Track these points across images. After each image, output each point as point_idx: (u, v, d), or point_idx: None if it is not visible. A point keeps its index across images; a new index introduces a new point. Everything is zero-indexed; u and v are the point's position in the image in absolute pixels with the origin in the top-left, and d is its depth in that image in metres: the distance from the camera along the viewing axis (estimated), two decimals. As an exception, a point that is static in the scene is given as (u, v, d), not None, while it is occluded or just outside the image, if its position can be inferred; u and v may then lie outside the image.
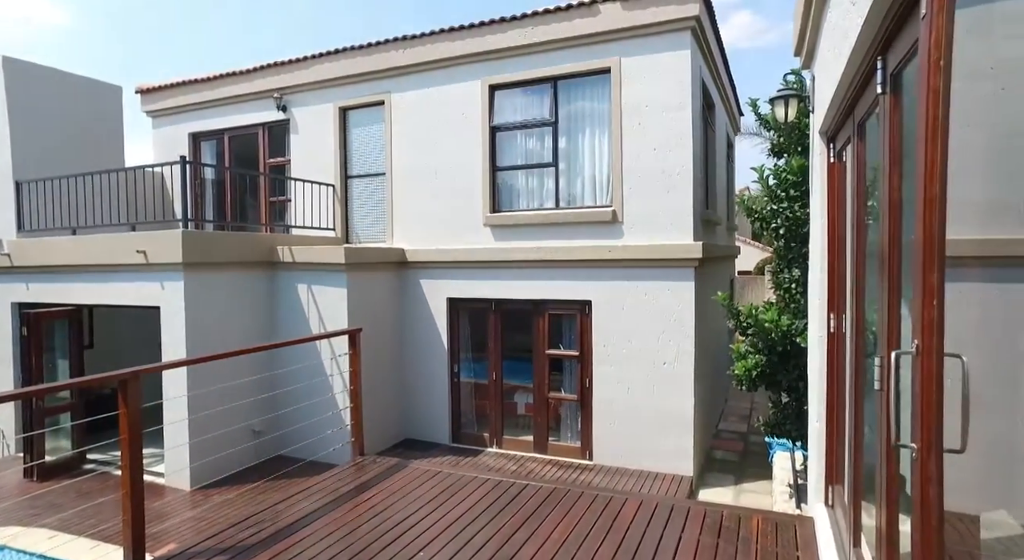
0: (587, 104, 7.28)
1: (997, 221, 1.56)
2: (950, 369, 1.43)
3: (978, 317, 1.65)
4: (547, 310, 7.43)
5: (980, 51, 1.58)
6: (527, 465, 7.18)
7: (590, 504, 4.18)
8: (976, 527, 1.63)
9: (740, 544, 3.64)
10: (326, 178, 8.76)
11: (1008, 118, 1.50)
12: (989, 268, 1.62)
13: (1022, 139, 1.49)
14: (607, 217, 6.94)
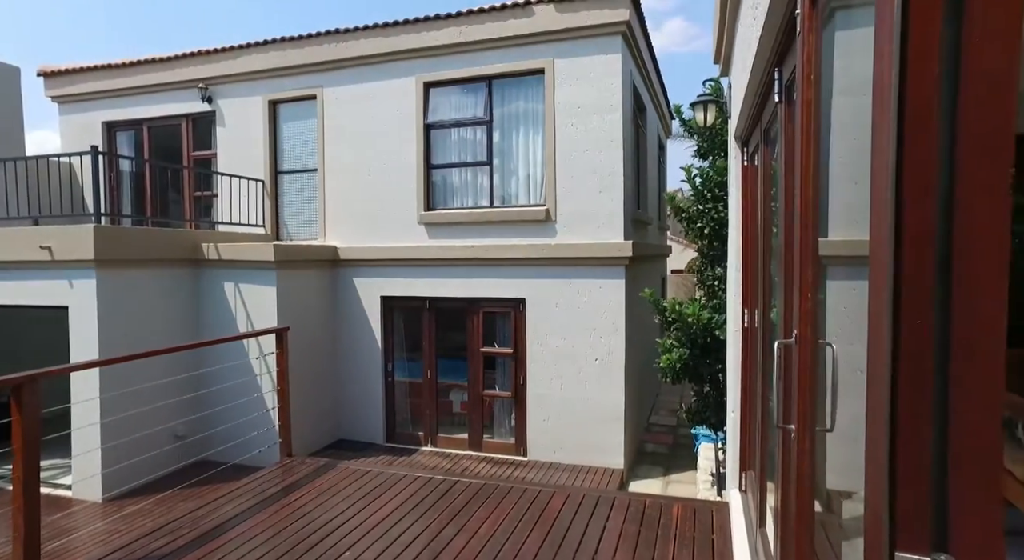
0: (522, 104, 7.36)
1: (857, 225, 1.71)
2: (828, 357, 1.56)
3: (844, 310, 1.80)
4: (481, 308, 7.47)
5: (861, 68, 1.73)
6: (462, 463, 7.20)
7: (518, 498, 4.25)
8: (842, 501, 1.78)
9: (660, 530, 3.80)
10: (255, 173, 8.46)
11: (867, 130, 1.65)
12: (853, 267, 1.78)
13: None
14: (541, 216, 7.05)
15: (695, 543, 3.64)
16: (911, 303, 0.82)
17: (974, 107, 0.77)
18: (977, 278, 0.78)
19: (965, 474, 0.79)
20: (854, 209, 1.72)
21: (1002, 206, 0.77)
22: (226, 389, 6.37)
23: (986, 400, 0.78)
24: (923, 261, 0.81)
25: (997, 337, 0.78)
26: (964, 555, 0.79)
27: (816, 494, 1.65)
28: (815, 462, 1.57)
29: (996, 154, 0.77)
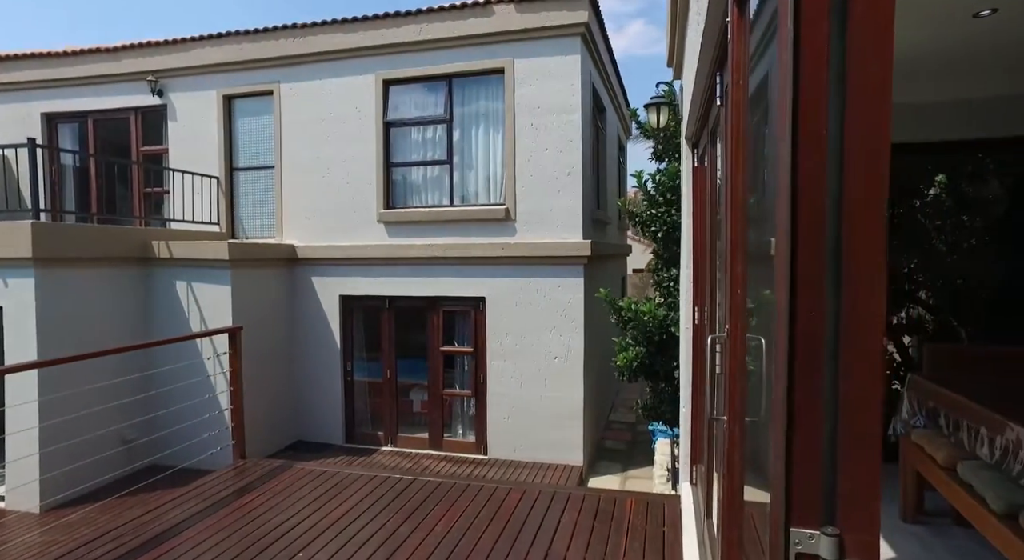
0: (482, 103, 7.38)
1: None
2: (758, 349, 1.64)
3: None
4: (441, 307, 7.46)
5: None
6: (422, 462, 7.18)
7: (475, 495, 4.28)
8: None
9: (614, 524, 3.88)
10: (209, 169, 8.24)
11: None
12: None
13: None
14: (500, 215, 7.08)
15: (646, 535, 3.73)
16: (806, 299, 0.88)
17: (858, 116, 0.84)
18: (860, 277, 0.84)
19: (850, 455, 0.85)
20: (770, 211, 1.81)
21: (880, 209, 0.83)
22: (177, 391, 6.19)
23: (868, 388, 0.85)
24: (816, 260, 0.87)
25: (878, 331, 0.84)
26: (848, 528, 0.85)
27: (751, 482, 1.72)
28: (744, 453, 1.64)
29: (876, 159, 0.83)
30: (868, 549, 0.85)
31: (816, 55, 0.85)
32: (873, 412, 0.84)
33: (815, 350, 0.87)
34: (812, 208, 0.86)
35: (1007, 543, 2.42)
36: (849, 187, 0.84)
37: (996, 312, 5.47)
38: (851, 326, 0.85)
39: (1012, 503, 2.49)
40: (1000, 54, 3.81)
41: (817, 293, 0.87)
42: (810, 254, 0.86)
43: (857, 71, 0.83)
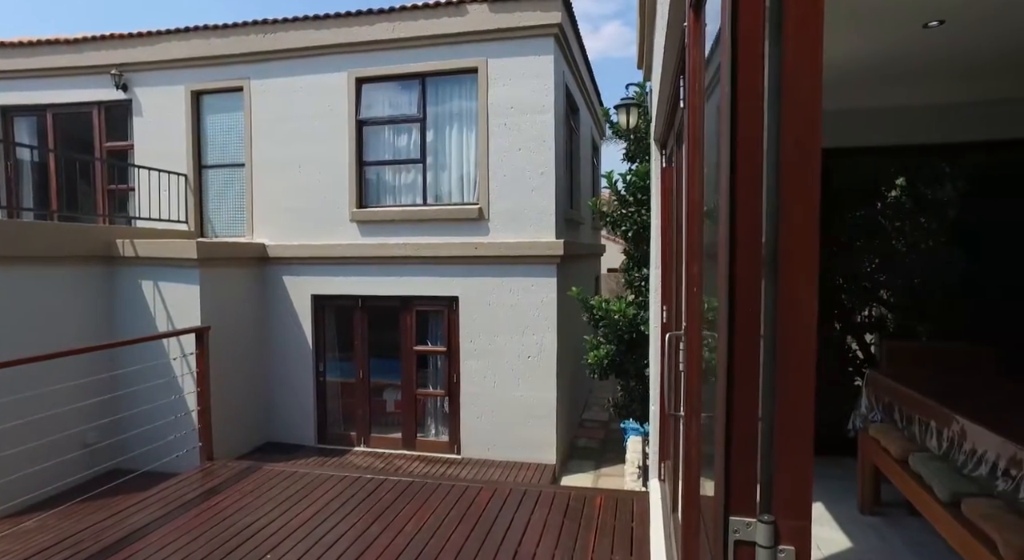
0: (455, 102, 7.38)
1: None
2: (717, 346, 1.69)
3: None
4: (415, 306, 7.44)
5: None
6: (395, 462, 7.15)
7: (446, 495, 4.29)
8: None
9: (583, 521, 3.93)
10: (177, 167, 8.08)
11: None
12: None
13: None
14: (474, 214, 7.09)
15: (615, 531, 3.78)
16: (744, 298, 0.92)
17: (792, 122, 0.88)
18: (795, 278, 0.88)
19: (785, 447, 0.90)
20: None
21: (813, 212, 0.87)
22: (143, 392, 6.07)
23: (802, 384, 0.89)
24: (753, 261, 0.90)
25: (811, 329, 0.88)
26: (782, 515, 0.89)
27: (707, 475, 1.77)
28: (701, 447, 1.69)
29: (809, 164, 0.87)
30: (800, 534, 0.89)
31: (752, 66, 0.89)
32: (806, 407, 0.89)
33: (752, 348, 0.91)
34: (749, 210, 0.90)
35: (950, 530, 2.52)
36: (784, 190, 0.88)
37: (951, 310, 5.67)
38: (786, 325, 0.89)
39: (955, 492, 2.60)
40: (951, 63, 3.96)
41: (755, 292, 0.90)
42: (748, 255, 0.90)
43: (791, 80, 0.87)
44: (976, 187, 5.60)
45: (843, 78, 4.32)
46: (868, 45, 3.56)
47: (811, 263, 0.88)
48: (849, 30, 3.33)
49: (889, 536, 3.44)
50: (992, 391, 3.15)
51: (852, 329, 6.33)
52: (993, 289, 5.27)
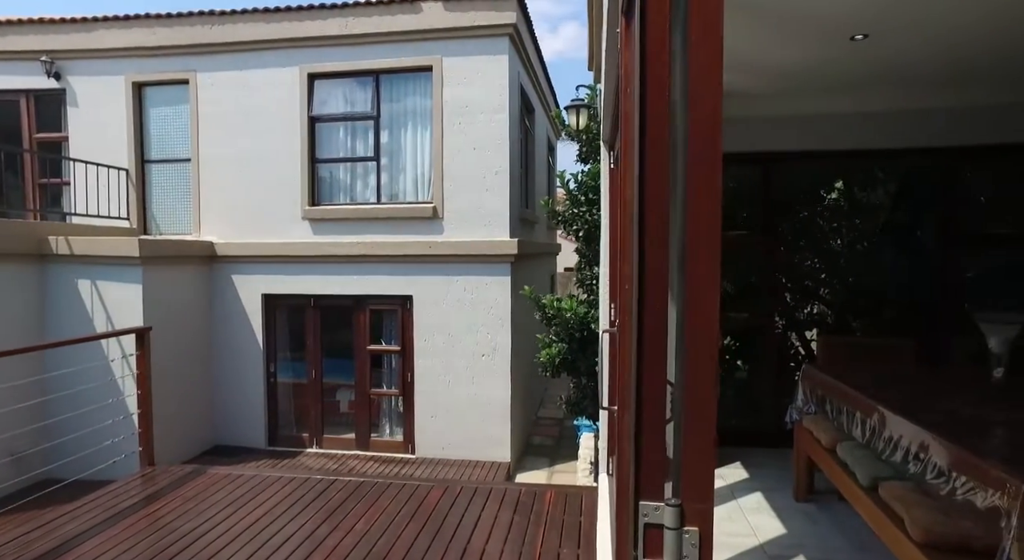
0: (410, 100, 7.34)
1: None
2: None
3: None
4: (369, 305, 7.36)
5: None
6: (348, 463, 7.07)
7: (397, 493, 4.27)
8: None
9: (533, 516, 3.98)
10: (118, 160, 7.76)
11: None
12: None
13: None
14: (428, 213, 7.07)
15: (564, 526, 3.85)
16: (652, 295, 0.97)
17: (696, 128, 0.93)
18: (700, 275, 0.94)
19: (690, 435, 0.95)
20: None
21: (716, 213, 0.93)
22: (78, 396, 5.80)
23: (705, 376, 0.95)
24: (661, 259, 0.96)
25: (713, 324, 0.94)
26: (687, 499, 0.95)
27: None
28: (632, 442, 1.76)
29: (712, 168, 0.93)
30: (703, 515, 0.95)
31: (659, 77, 0.94)
32: (709, 397, 0.94)
33: (660, 342, 0.96)
34: (657, 211, 0.95)
35: (869, 512, 2.69)
36: (690, 192, 0.94)
37: (883, 307, 6.00)
38: (691, 320, 0.95)
39: (874, 477, 2.77)
40: (878, 74, 4.18)
41: (662, 289, 0.96)
42: (656, 253, 0.96)
43: (696, 87, 0.92)
44: (903, 191, 5.93)
45: (783, 86, 4.51)
46: (803, 56, 3.73)
47: (714, 259, 0.94)
48: (784, 42, 3.49)
49: (820, 521, 3.62)
50: (909, 381, 3.36)
51: (794, 326, 6.62)
52: (916, 288, 5.60)
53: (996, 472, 1.99)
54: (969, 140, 4.89)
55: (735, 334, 6.26)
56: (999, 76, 4.37)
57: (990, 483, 2.00)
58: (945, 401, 2.89)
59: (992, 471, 2.00)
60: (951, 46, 3.63)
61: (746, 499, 3.97)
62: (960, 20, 3.20)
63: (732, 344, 6.35)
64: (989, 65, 4.06)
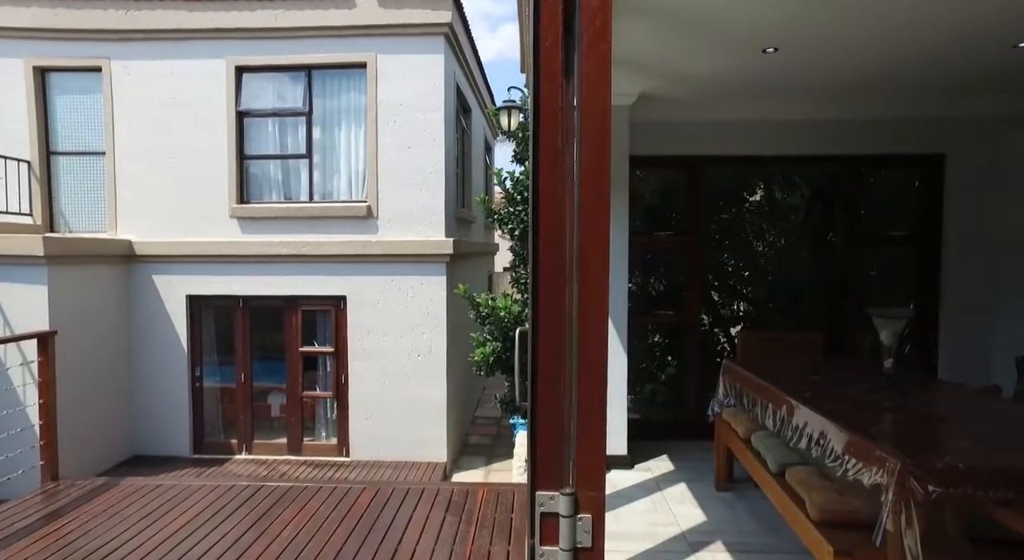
0: (344, 97, 7.19)
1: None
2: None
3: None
4: (300, 306, 7.16)
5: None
6: (279, 468, 6.85)
7: (327, 497, 4.19)
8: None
9: (464, 515, 4.00)
10: (18, 152, 7.20)
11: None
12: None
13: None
14: (362, 212, 6.96)
15: (495, 523, 3.89)
16: (549, 292, 1.01)
17: (586, 136, 0.98)
18: (591, 273, 0.99)
19: (583, 427, 1.00)
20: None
21: (605, 215, 0.98)
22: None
23: (596, 370, 1.00)
24: (557, 258, 1.00)
25: (603, 320, 0.99)
26: (580, 488, 1.00)
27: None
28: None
29: (600, 173, 0.98)
30: (595, 502, 1.00)
31: (552, 85, 0.98)
32: (600, 391, 1.00)
33: (558, 338, 1.01)
34: (551, 214, 1.00)
35: (777, 496, 2.87)
36: (583, 195, 0.99)
37: (799, 303, 6.38)
38: (584, 318, 1.00)
39: (782, 463, 2.96)
40: (789, 85, 4.46)
41: (558, 289, 1.00)
42: (551, 254, 1.00)
43: (586, 97, 0.97)
44: (815, 196, 6.34)
45: (705, 93, 4.73)
46: (722, 66, 3.93)
47: (604, 259, 0.99)
48: (704, 53, 3.67)
49: (737, 507, 3.82)
50: (815, 373, 3.60)
51: (721, 323, 6.95)
52: (827, 285, 6.00)
53: (879, 453, 2.17)
54: (871, 149, 5.28)
55: (664, 332, 6.51)
56: (893, 92, 4.75)
57: (874, 463, 2.18)
58: (844, 390, 3.11)
59: (876, 452, 2.19)
60: (851, 64, 3.92)
61: (671, 490, 4.14)
62: (858, 41, 3.46)
63: (661, 341, 6.61)
64: (883, 82, 4.40)
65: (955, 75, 4.24)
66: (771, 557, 3.18)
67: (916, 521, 2.01)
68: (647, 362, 6.40)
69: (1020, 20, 3.24)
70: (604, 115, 0.97)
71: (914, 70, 4.10)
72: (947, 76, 4.26)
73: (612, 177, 3.97)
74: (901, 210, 5.91)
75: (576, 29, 0.97)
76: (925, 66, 4.00)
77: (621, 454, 4.65)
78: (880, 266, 6.09)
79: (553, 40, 0.97)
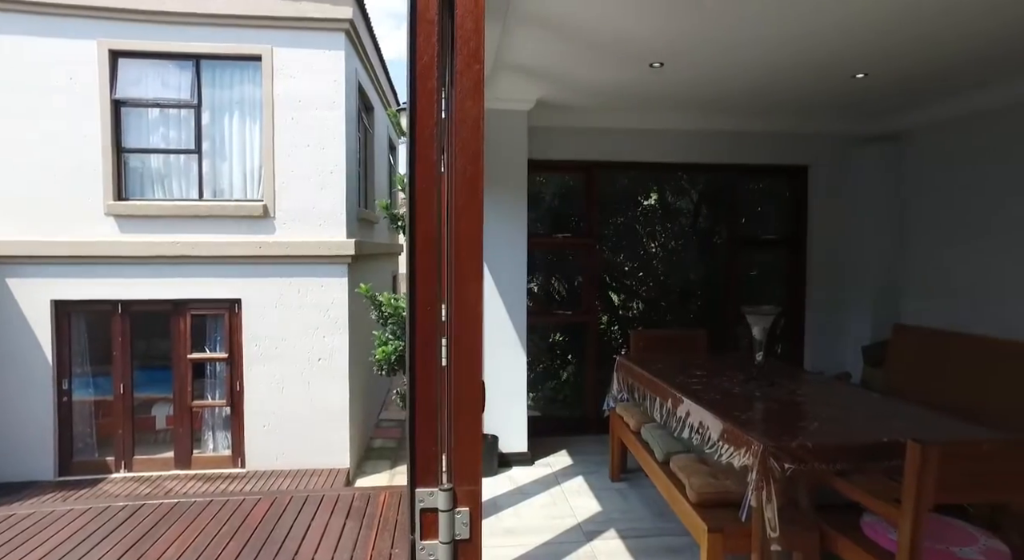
0: (237, 90, 6.82)
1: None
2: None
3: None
4: (189, 310, 6.71)
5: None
6: (165, 484, 6.38)
7: (218, 511, 3.98)
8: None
9: (365, 520, 3.94)
10: None
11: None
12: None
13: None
14: (258, 211, 6.63)
15: (397, 526, 3.87)
16: (423, 291, 1.05)
17: (459, 145, 1.04)
18: (465, 273, 1.04)
19: (459, 425, 1.05)
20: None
21: (478, 222, 1.04)
22: None
23: (471, 367, 1.05)
24: (430, 259, 1.05)
25: (478, 319, 1.05)
26: (458, 482, 1.05)
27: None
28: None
29: (473, 181, 1.04)
30: (473, 496, 1.06)
31: (428, 100, 1.03)
32: (474, 389, 1.05)
33: (432, 341, 1.05)
34: (424, 219, 1.04)
35: (663, 483, 3.08)
36: (458, 205, 1.04)
37: (688, 301, 6.84)
38: (458, 318, 1.05)
39: (668, 452, 3.18)
40: (675, 97, 4.79)
41: (432, 289, 1.05)
42: (426, 255, 1.04)
43: (460, 113, 1.02)
44: (701, 201, 6.84)
45: (599, 101, 4.96)
46: (613, 76, 4.15)
47: (476, 259, 1.05)
48: (595, 64, 3.86)
49: (630, 496, 4.05)
50: (698, 367, 3.90)
51: (619, 322, 7.29)
52: (711, 284, 6.49)
53: (746, 437, 2.41)
54: (749, 159, 5.77)
55: (564, 331, 6.75)
56: (766, 109, 5.23)
57: (743, 446, 2.41)
58: (721, 382, 3.40)
59: (743, 436, 2.42)
60: (726, 82, 4.28)
61: (569, 483, 4.31)
62: (729, 62, 3.79)
63: (562, 340, 6.84)
64: (757, 100, 4.85)
65: (812, 97, 4.75)
66: (658, 540, 3.41)
67: (775, 496, 2.25)
68: (549, 361, 6.61)
69: (856, 56, 3.71)
70: (477, 130, 1.03)
71: (780, 91, 4.54)
72: (807, 97, 4.76)
73: (512, 181, 4.11)
74: (775, 215, 6.50)
75: (452, 49, 1.02)
76: (788, 88, 4.45)
77: (522, 451, 4.77)
78: (759, 267, 6.66)
79: (429, 58, 1.02)
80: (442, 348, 1.06)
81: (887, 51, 3.60)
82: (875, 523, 2.32)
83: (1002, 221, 4.56)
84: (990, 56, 3.69)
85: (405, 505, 4.13)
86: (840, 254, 5.85)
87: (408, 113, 1.03)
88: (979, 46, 3.51)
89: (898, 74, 4.07)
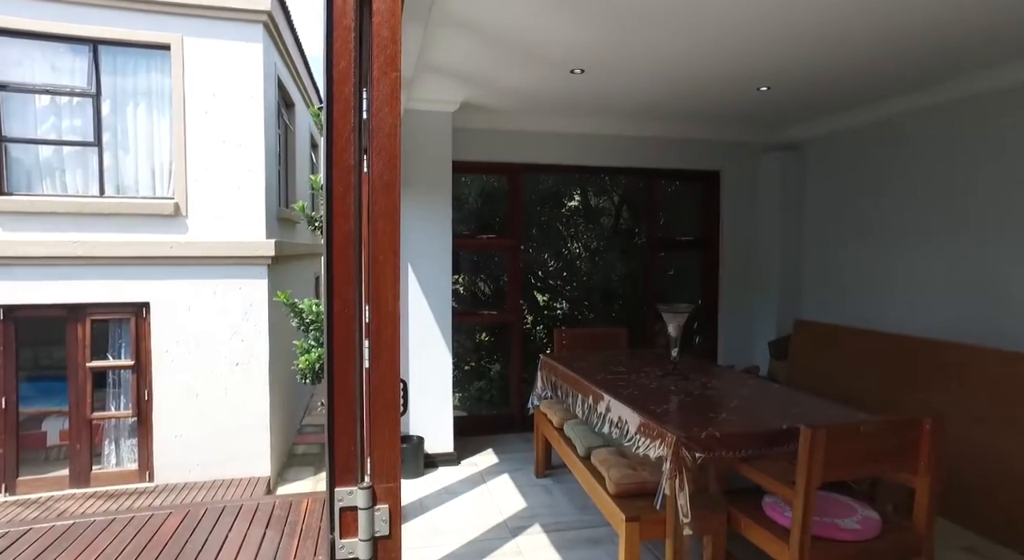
0: (144, 80, 6.39)
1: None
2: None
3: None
4: (89, 315, 6.23)
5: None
6: (58, 506, 5.89)
7: (121, 530, 3.73)
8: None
9: (287, 528, 3.82)
10: None
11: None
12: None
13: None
14: (168, 210, 6.25)
15: (320, 532, 3.78)
16: (341, 293, 1.06)
17: (377, 153, 1.05)
18: (382, 275, 1.06)
19: (377, 423, 1.07)
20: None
21: (395, 225, 1.06)
22: None
23: (389, 367, 1.07)
24: (347, 262, 1.06)
25: (394, 318, 1.07)
26: (377, 480, 1.07)
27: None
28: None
29: (391, 186, 1.06)
30: (392, 493, 1.08)
31: (345, 106, 1.04)
32: (392, 388, 1.07)
33: (350, 342, 1.07)
34: (345, 226, 1.05)
35: (584, 477, 3.20)
36: (375, 209, 1.06)
37: (610, 300, 7.08)
38: (377, 321, 1.07)
39: (589, 447, 3.30)
40: (596, 103, 4.96)
41: (350, 287, 1.06)
42: (343, 259, 1.05)
43: (377, 119, 1.04)
44: (622, 203, 7.11)
45: (521, 105, 5.06)
46: (534, 81, 4.25)
47: (394, 263, 1.07)
48: (517, 68, 3.94)
49: (554, 491, 4.16)
50: (617, 363, 4.06)
51: (544, 321, 7.44)
52: (632, 284, 6.75)
53: (661, 429, 2.54)
54: (667, 164, 6.06)
55: (490, 331, 6.82)
56: (682, 117, 5.52)
57: (658, 438, 2.55)
58: (639, 378, 3.56)
59: (659, 429, 2.56)
60: (644, 90, 4.49)
61: (494, 481, 4.37)
62: (646, 72, 3.98)
63: (488, 340, 6.90)
64: (672, 107, 5.10)
65: (724, 107, 5.06)
66: (580, 532, 3.53)
67: (687, 483, 2.40)
68: (475, 361, 6.65)
69: (760, 71, 4.00)
70: (394, 136, 1.05)
71: (693, 100, 4.81)
72: (719, 108, 5.07)
73: (436, 182, 4.13)
74: (691, 218, 6.85)
75: (368, 55, 1.04)
76: (701, 98, 4.73)
77: (448, 451, 4.78)
78: (676, 267, 7.00)
79: (346, 64, 1.03)
80: (364, 349, 1.07)
81: (785, 66, 3.90)
82: (774, 503, 2.52)
83: (886, 224, 5.04)
84: (874, 77, 4.09)
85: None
86: (749, 254, 6.26)
87: (324, 117, 1.04)
88: (866, 66, 3.88)
89: (796, 89, 4.42)
